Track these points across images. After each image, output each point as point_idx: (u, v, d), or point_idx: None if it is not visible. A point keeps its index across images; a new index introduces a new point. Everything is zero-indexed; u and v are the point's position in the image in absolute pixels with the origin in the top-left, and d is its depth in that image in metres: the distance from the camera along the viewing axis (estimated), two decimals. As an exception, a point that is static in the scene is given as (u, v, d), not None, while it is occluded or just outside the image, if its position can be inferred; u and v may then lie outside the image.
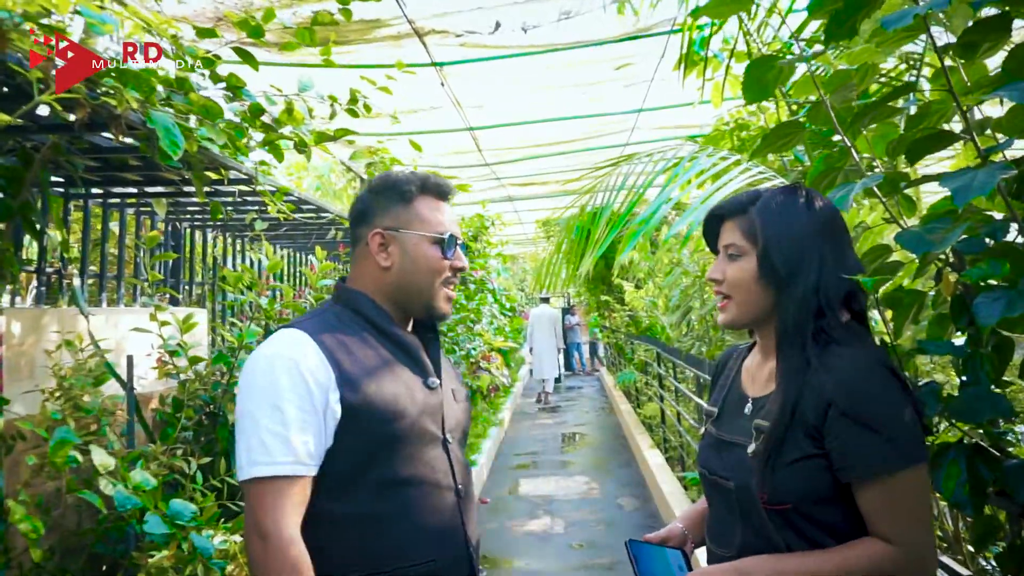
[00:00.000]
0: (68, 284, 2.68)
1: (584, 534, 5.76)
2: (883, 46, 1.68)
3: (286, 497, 1.29)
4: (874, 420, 1.21)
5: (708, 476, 1.45)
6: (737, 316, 1.42)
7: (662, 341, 8.28)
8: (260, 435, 1.31)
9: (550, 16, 3.65)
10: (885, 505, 1.22)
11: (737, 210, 1.43)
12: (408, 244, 1.51)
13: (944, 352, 1.52)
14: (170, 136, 1.55)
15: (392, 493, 1.40)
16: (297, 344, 1.39)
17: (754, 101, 1.72)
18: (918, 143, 1.35)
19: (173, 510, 1.82)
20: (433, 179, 1.58)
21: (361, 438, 1.38)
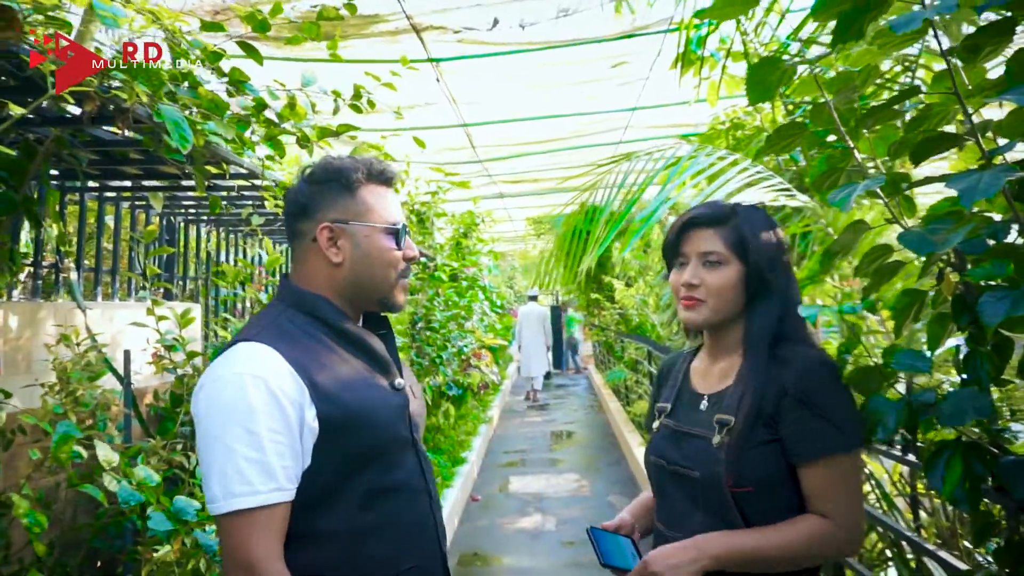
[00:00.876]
0: (65, 278, 2.67)
1: (575, 531, 5.78)
2: (885, 48, 1.70)
3: (269, 527, 1.22)
4: (821, 408, 1.37)
5: (667, 466, 1.54)
6: (708, 318, 1.51)
7: (653, 339, 8.33)
8: (236, 463, 1.21)
9: (548, 13, 3.66)
10: (825, 485, 1.37)
11: (717, 220, 1.52)
12: (359, 237, 1.42)
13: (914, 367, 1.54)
14: (179, 130, 1.54)
15: (373, 504, 1.36)
16: (263, 360, 1.28)
17: (758, 102, 1.74)
18: (923, 145, 1.37)
19: (177, 507, 1.82)
20: (377, 164, 1.48)
21: (339, 452, 1.32)
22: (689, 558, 1.37)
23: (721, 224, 1.51)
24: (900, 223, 1.56)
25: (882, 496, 2.47)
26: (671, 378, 1.70)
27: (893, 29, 1.19)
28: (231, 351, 1.31)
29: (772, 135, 1.69)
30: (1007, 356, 1.45)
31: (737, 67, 3.98)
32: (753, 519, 1.39)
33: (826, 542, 1.36)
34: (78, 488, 1.87)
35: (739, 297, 1.50)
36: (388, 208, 1.45)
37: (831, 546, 1.37)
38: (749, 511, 1.39)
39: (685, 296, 1.53)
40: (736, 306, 1.51)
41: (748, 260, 1.48)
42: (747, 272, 1.49)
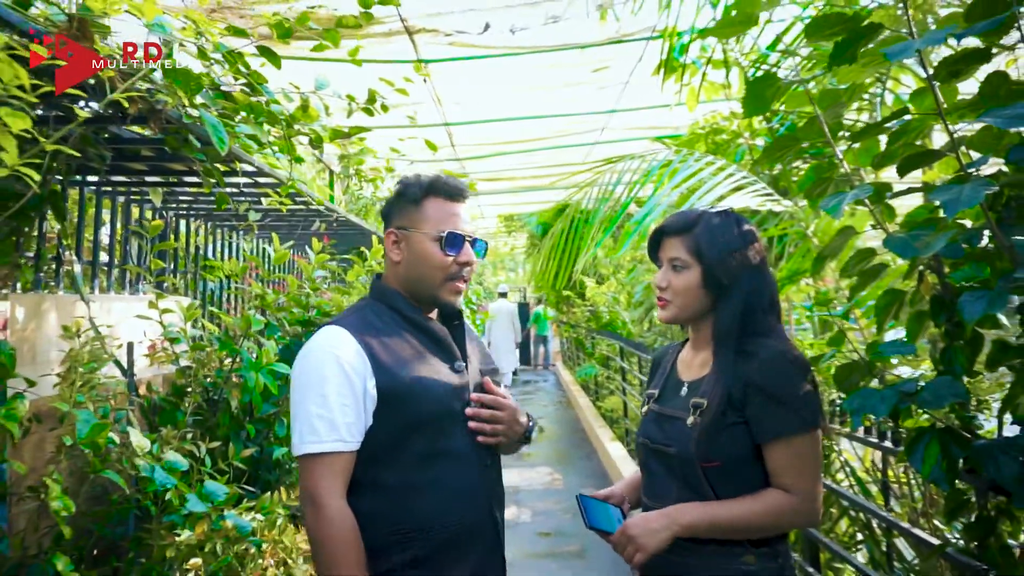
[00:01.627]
0: (68, 271, 2.71)
1: (551, 523, 5.92)
2: (867, 67, 1.86)
3: (331, 469, 1.52)
4: (780, 395, 1.53)
5: (650, 445, 1.73)
6: (676, 316, 1.72)
7: (624, 336, 8.50)
8: (309, 419, 1.53)
9: (538, 19, 3.77)
10: (785, 462, 1.53)
11: (681, 229, 1.70)
12: (413, 242, 1.70)
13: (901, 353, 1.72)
14: (218, 133, 1.64)
15: (424, 465, 1.61)
16: (337, 339, 1.60)
17: (754, 114, 1.88)
18: (909, 159, 1.52)
19: (208, 490, 1.91)
20: (443, 181, 1.74)
21: (396, 418, 1.59)
22: (662, 524, 1.55)
23: (685, 232, 1.69)
24: (884, 228, 1.71)
25: (856, 482, 2.64)
26: (662, 367, 1.88)
27: (888, 57, 1.33)
28: (319, 332, 1.65)
29: (769, 146, 1.83)
30: (978, 350, 1.62)
31: (716, 74, 4.15)
32: (722, 491, 1.57)
33: (787, 513, 1.52)
34: (100, 473, 1.93)
35: (704, 296, 1.67)
36: (445, 219, 1.69)
37: (791, 517, 1.54)
38: (718, 484, 1.57)
39: (658, 296, 1.76)
40: (702, 304, 1.68)
41: (703, 265, 1.65)
42: (703, 275, 1.65)
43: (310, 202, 3.64)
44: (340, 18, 2.00)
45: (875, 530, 2.67)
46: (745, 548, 1.55)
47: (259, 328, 2.61)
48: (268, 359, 2.57)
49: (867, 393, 1.53)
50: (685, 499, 1.59)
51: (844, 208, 1.58)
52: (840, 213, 1.57)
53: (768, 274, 1.68)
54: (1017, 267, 1.39)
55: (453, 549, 1.61)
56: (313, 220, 4.14)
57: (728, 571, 1.54)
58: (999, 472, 1.43)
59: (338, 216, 3.96)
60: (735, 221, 1.70)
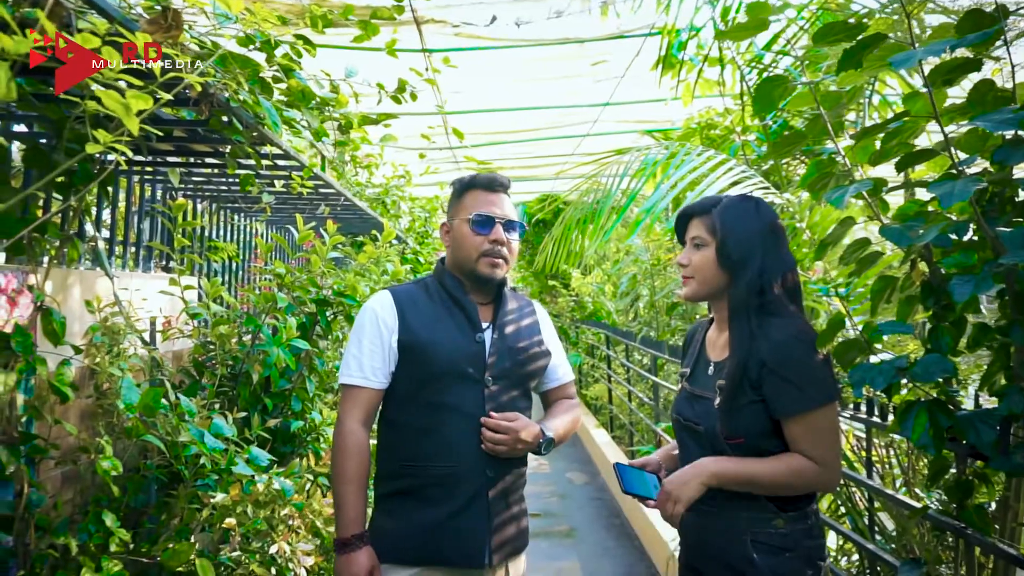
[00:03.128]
0: (93, 247, 2.80)
1: (539, 504, 6.09)
2: (867, 71, 2.02)
3: (355, 398, 1.93)
4: (793, 374, 1.65)
5: (683, 422, 1.88)
6: (696, 292, 1.85)
7: (610, 325, 8.69)
8: (347, 357, 1.96)
9: (542, 14, 3.90)
10: (803, 435, 1.65)
11: (703, 210, 1.85)
12: (455, 228, 2.04)
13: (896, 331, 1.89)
14: (272, 117, 1.76)
15: (431, 412, 1.92)
16: (380, 300, 2.01)
17: (762, 113, 2.03)
18: (907, 157, 1.68)
19: (252, 455, 2.05)
20: (481, 176, 2.07)
21: (411, 369, 1.94)
22: (692, 474, 1.70)
23: (705, 213, 1.84)
24: (880, 220, 1.87)
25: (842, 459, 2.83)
26: (692, 345, 2.02)
27: (893, 66, 1.49)
28: (376, 294, 2.05)
29: (777, 142, 1.98)
30: (962, 330, 1.79)
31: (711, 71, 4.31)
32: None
33: (807, 476, 1.65)
34: (142, 438, 2.05)
35: (720, 273, 1.79)
36: (478, 206, 2.00)
37: (812, 479, 1.65)
38: (745, 453, 1.70)
39: (682, 275, 1.89)
40: (720, 280, 1.80)
41: (716, 241, 1.78)
42: (717, 251, 1.78)
43: (321, 185, 3.75)
44: (375, 10, 2.11)
45: (857, 503, 2.86)
46: (775, 512, 1.68)
47: (283, 304, 2.73)
48: (290, 334, 2.69)
49: (866, 367, 1.69)
50: None
51: (847, 200, 1.74)
52: (844, 204, 1.73)
53: (785, 254, 1.80)
54: (999, 255, 1.56)
55: (441, 487, 1.88)
56: (319, 204, 4.24)
57: (759, 534, 1.68)
58: (979, 438, 1.60)
59: (343, 200, 4.06)
60: (755, 203, 1.83)
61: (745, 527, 1.70)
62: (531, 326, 2.13)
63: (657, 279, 6.95)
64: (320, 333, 3.17)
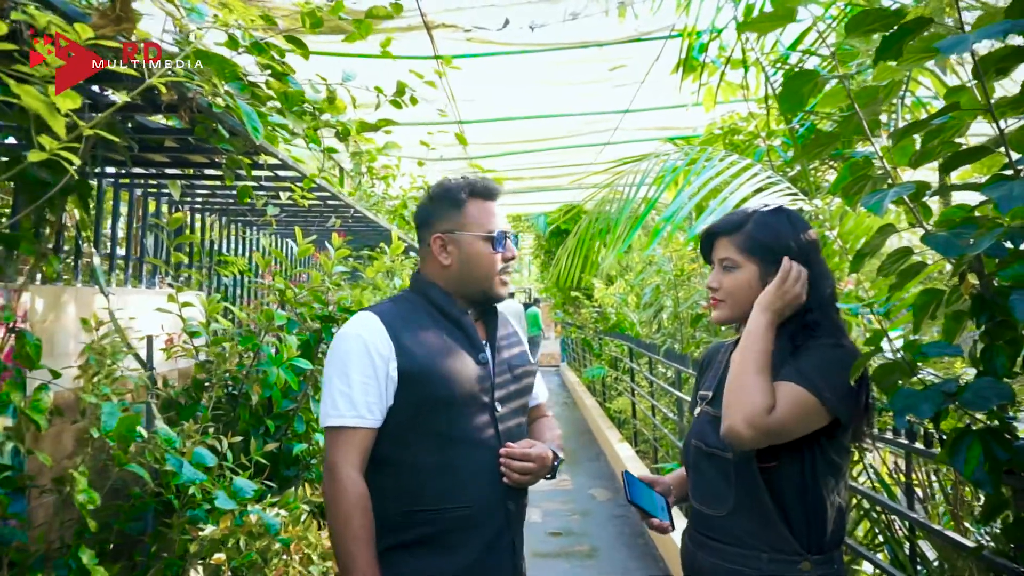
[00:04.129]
0: (87, 263, 2.69)
1: (560, 522, 5.90)
2: (903, 64, 1.83)
3: (349, 442, 1.64)
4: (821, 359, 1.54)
5: (705, 448, 1.69)
6: (729, 316, 1.72)
7: (633, 337, 8.48)
8: (333, 395, 1.66)
9: (557, 16, 3.76)
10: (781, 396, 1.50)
11: (731, 229, 1.70)
12: (463, 243, 1.78)
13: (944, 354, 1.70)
14: (252, 121, 1.63)
15: (440, 448, 1.68)
16: (365, 323, 1.72)
17: (790, 111, 1.87)
18: (955, 156, 1.50)
19: (236, 487, 1.90)
20: (480, 183, 1.82)
21: (414, 400, 1.68)
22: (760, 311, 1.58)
23: (735, 232, 1.69)
24: (924, 227, 1.69)
25: (880, 484, 2.62)
26: (712, 367, 1.85)
27: (942, 52, 1.31)
28: (355, 316, 1.76)
29: (808, 143, 1.81)
30: (1019, 350, 1.60)
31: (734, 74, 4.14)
32: (779, 490, 1.55)
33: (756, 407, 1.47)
34: (125, 467, 1.92)
35: (756, 296, 1.63)
36: (489, 219, 1.79)
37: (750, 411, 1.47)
38: (776, 486, 1.55)
39: (711, 297, 1.74)
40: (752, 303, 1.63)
41: (761, 260, 1.63)
42: (761, 271, 1.63)
43: (328, 197, 3.62)
44: (371, 8, 1.99)
45: (896, 531, 2.65)
46: (801, 555, 1.53)
47: (282, 322, 2.60)
48: (290, 354, 2.56)
49: (909, 393, 1.51)
50: (745, 505, 1.57)
51: (886, 205, 1.56)
52: (883, 210, 1.55)
53: (824, 269, 1.67)
54: (1065, 266, 1.37)
55: (460, 531, 1.67)
56: (328, 216, 4.13)
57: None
58: (1044, 474, 1.41)
59: (354, 212, 3.94)
60: (787, 217, 1.69)
61: (768, 571, 1.54)
62: (516, 339, 1.97)
63: (681, 290, 6.74)
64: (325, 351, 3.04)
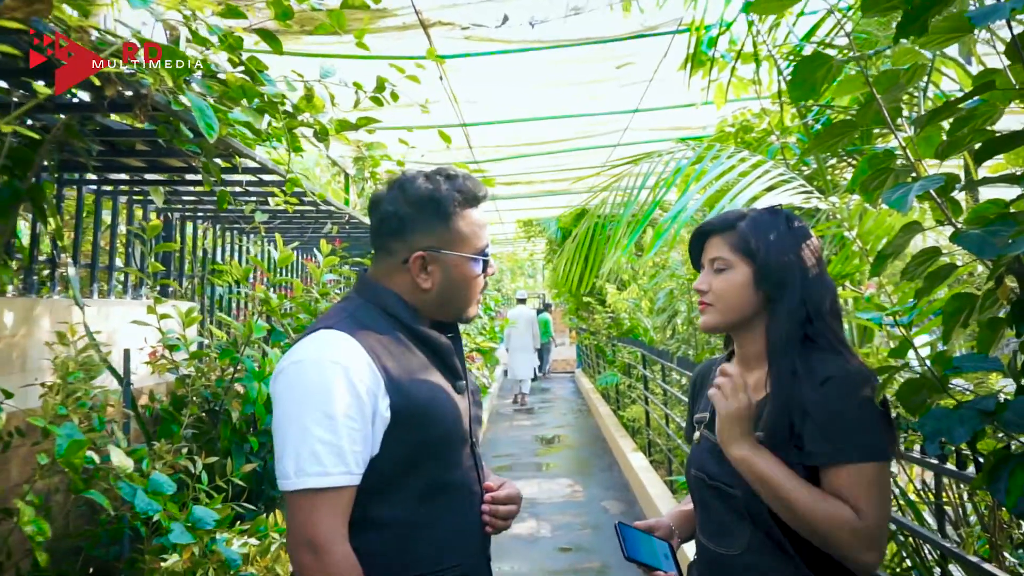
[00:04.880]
0: (62, 274, 2.56)
1: (571, 537, 5.72)
2: (928, 47, 1.65)
3: (336, 507, 1.28)
4: (843, 416, 1.35)
5: (708, 481, 1.52)
6: (717, 322, 1.54)
7: (646, 343, 8.28)
8: (311, 444, 1.26)
9: (558, 11, 3.60)
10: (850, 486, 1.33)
11: (725, 227, 1.55)
12: (449, 265, 1.48)
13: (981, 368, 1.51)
14: (205, 118, 1.47)
15: (432, 498, 1.40)
16: (343, 348, 1.33)
17: (800, 100, 1.69)
18: (990, 143, 1.32)
19: (196, 516, 1.74)
20: (469, 188, 1.51)
21: (405, 444, 1.36)
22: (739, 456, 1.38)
23: (728, 230, 1.54)
24: (953, 224, 1.51)
25: (907, 505, 2.43)
26: (705, 388, 1.68)
27: (972, 21, 1.14)
28: (313, 337, 1.36)
29: (822, 133, 1.63)
30: (1066, 364, 1.41)
31: (745, 69, 3.95)
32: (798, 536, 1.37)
33: (845, 528, 1.30)
34: (82, 494, 1.77)
35: (749, 300, 1.50)
36: (479, 234, 1.51)
37: (848, 536, 1.31)
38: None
39: (700, 301, 1.58)
40: (747, 309, 1.50)
41: (756, 261, 1.48)
42: (755, 273, 1.48)
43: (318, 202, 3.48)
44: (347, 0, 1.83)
45: (926, 555, 2.45)
46: None
47: (261, 335, 2.45)
48: (272, 368, 2.41)
49: (941, 414, 1.33)
50: (757, 543, 1.41)
51: (911, 201, 1.38)
52: (907, 207, 1.37)
53: (827, 277, 1.52)
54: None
55: None
56: (324, 222, 3.99)
57: None
58: (1098, 507, 1.22)
59: (350, 217, 3.80)
60: (785, 218, 1.54)
61: None
62: None
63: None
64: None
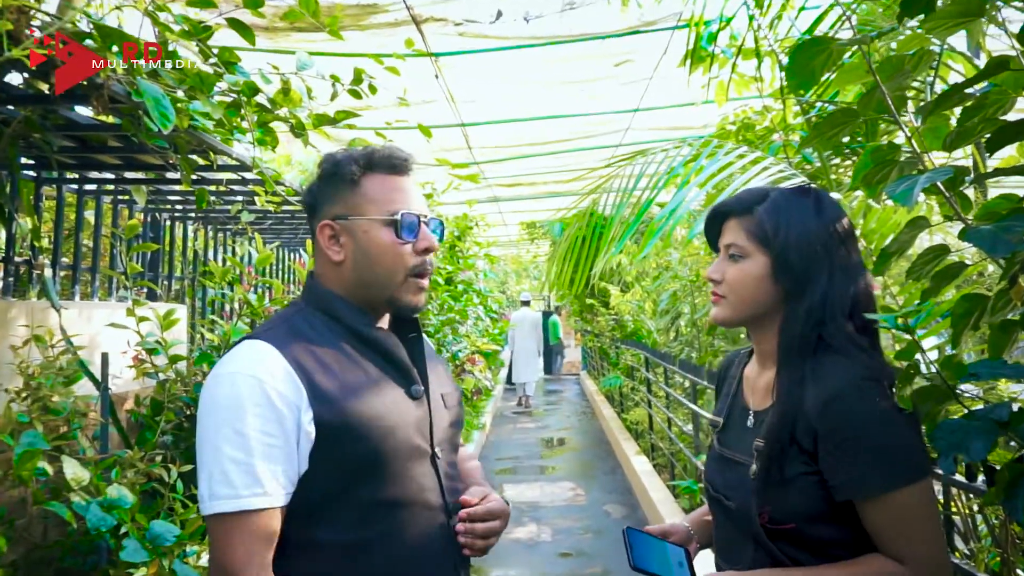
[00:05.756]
0: (39, 275, 2.48)
1: (572, 542, 5.62)
2: (934, 32, 1.55)
3: (252, 532, 1.16)
4: (861, 439, 1.19)
5: (712, 493, 1.42)
6: (729, 315, 1.39)
7: (649, 345, 8.18)
8: (222, 464, 1.16)
9: (554, 6, 3.51)
10: (887, 523, 1.18)
11: (742, 209, 1.38)
12: (358, 231, 1.32)
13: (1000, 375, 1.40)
14: (159, 108, 1.37)
15: (376, 517, 1.27)
16: (261, 359, 1.22)
17: (799, 88, 1.59)
18: (1001, 131, 1.22)
19: (154, 532, 1.64)
20: (381, 152, 1.37)
21: (340, 460, 1.24)
22: None
23: (746, 213, 1.37)
24: (963, 220, 1.41)
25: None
26: (726, 384, 1.55)
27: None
28: (234, 349, 1.26)
29: (821, 123, 1.53)
30: (1084, 370, 1.31)
31: (747, 66, 3.85)
32: (803, 559, 1.24)
33: None
34: (43, 506, 1.69)
35: (766, 294, 1.34)
36: (394, 198, 1.33)
37: None
38: (797, 551, 1.24)
39: (712, 291, 1.42)
40: (763, 304, 1.35)
41: (773, 252, 1.32)
42: (773, 265, 1.33)
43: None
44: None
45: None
46: None
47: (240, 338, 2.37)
48: (251, 373, 2.32)
49: (955, 426, 1.22)
50: (761, 564, 1.27)
51: (917, 195, 1.28)
52: (912, 201, 1.27)
53: (857, 269, 1.35)
54: None
55: None
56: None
57: None
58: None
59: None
60: (814, 197, 1.36)
61: None
62: (444, 365, 1.57)
63: (698, 296, 6.44)
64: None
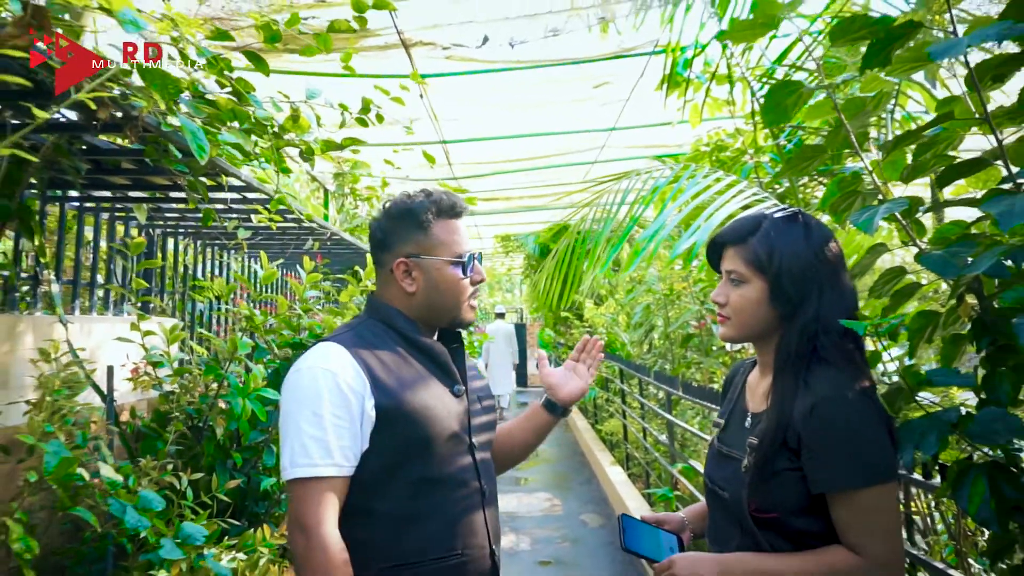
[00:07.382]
0: (45, 291, 2.57)
1: (550, 551, 5.74)
2: (893, 74, 1.74)
3: (324, 495, 1.42)
4: (840, 440, 1.32)
5: (709, 485, 1.57)
6: (735, 334, 1.55)
7: (623, 357, 8.36)
8: (301, 439, 1.43)
9: (538, 33, 3.68)
10: (851, 518, 1.32)
11: (738, 239, 1.53)
12: (431, 269, 1.64)
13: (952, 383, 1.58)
14: (197, 140, 1.50)
15: (423, 492, 1.52)
16: (334, 357, 1.51)
17: (773, 124, 1.76)
18: (951, 169, 1.40)
19: (185, 532, 1.75)
20: (446, 201, 1.67)
21: (393, 441, 1.50)
22: (709, 570, 1.41)
23: (742, 242, 1.51)
24: (917, 245, 1.59)
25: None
26: (731, 390, 1.71)
27: (932, 56, 1.21)
28: (311, 349, 1.55)
29: (792, 157, 1.71)
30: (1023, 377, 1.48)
31: (720, 90, 4.06)
32: (782, 547, 1.38)
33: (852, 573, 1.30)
34: (69, 511, 1.78)
35: (765, 315, 1.48)
36: (457, 241, 1.65)
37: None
38: (777, 539, 1.39)
39: (718, 313, 1.57)
40: (764, 323, 1.49)
41: (769, 278, 1.46)
42: (769, 289, 1.46)
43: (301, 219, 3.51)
44: (333, 22, 1.88)
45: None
46: None
47: (246, 351, 2.47)
48: (256, 384, 2.42)
49: (915, 424, 1.39)
50: (745, 547, 1.42)
51: (877, 223, 1.45)
52: (873, 228, 1.44)
53: (846, 287, 1.48)
54: (1072, 287, 1.27)
55: None
56: (306, 238, 4.01)
57: None
58: (1055, 513, 1.29)
59: (332, 234, 3.82)
60: (803, 224, 1.49)
61: None
62: (476, 371, 1.83)
63: (671, 309, 6.63)
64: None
